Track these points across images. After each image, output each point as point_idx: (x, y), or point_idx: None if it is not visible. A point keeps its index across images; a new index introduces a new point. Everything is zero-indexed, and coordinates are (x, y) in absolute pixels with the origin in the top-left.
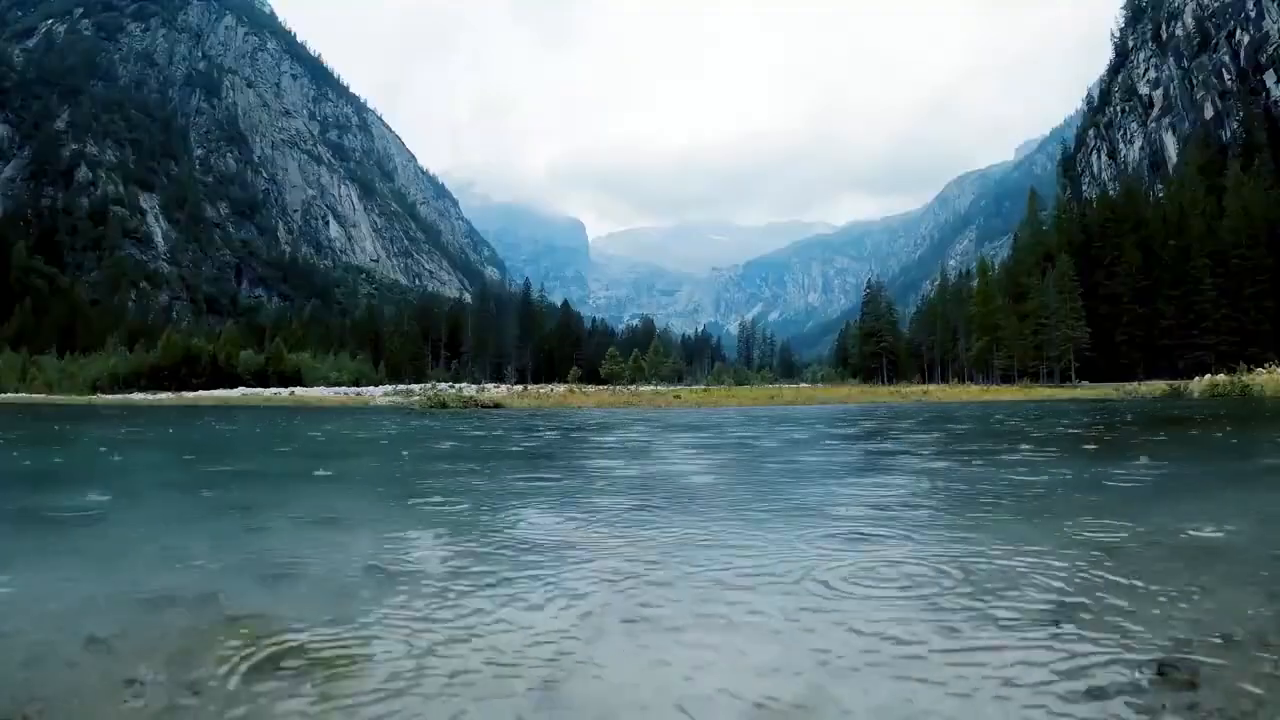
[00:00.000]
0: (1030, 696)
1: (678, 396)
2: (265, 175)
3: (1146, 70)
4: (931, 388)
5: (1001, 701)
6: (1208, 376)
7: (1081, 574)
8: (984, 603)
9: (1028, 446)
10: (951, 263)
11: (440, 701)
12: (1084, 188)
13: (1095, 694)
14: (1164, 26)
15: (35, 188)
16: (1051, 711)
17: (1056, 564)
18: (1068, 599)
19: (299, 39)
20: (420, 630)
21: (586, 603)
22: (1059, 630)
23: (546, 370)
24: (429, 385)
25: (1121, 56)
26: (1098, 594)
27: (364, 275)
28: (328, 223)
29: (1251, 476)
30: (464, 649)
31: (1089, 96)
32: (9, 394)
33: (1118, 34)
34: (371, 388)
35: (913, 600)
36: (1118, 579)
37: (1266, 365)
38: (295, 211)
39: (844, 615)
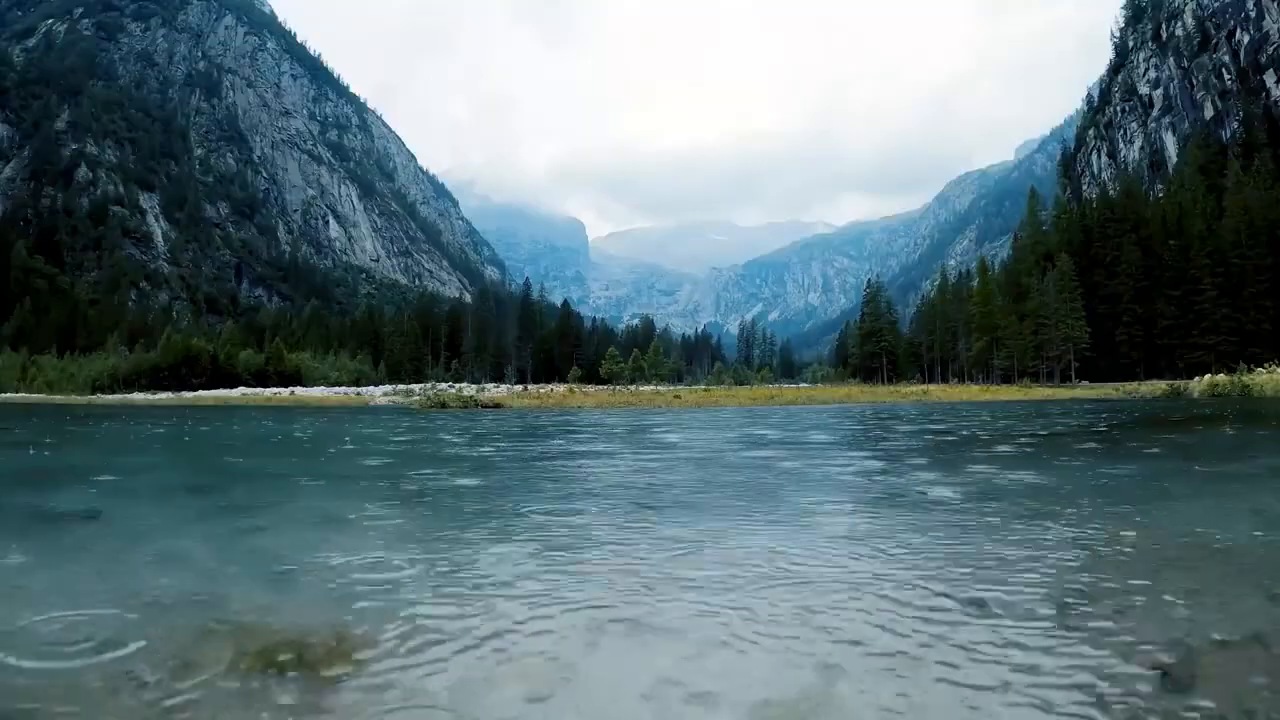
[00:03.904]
0: (1030, 697)
1: (678, 396)
2: (265, 175)
3: (1146, 70)
4: (931, 388)
5: (1001, 702)
6: (1208, 376)
7: (1081, 574)
8: (983, 603)
9: (1029, 446)
10: (951, 263)
11: (440, 703)
12: (1084, 188)
13: (1095, 694)
14: (1164, 26)
15: (35, 188)
16: (1051, 712)
17: (1055, 563)
18: (1067, 599)
19: (299, 39)
20: (420, 631)
21: (587, 604)
22: (1059, 630)
23: (546, 370)
24: (429, 385)
25: (1121, 56)
26: (1097, 594)
27: (364, 275)
28: (328, 223)
29: (1252, 476)
30: (464, 650)
31: (1089, 96)
32: (9, 394)
33: (1118, 34)
34: (371, 387)
35: (912, 600)
36: (1117, 579)
37: (1266, 365)
38: (295, 211)
39: (843, 615)
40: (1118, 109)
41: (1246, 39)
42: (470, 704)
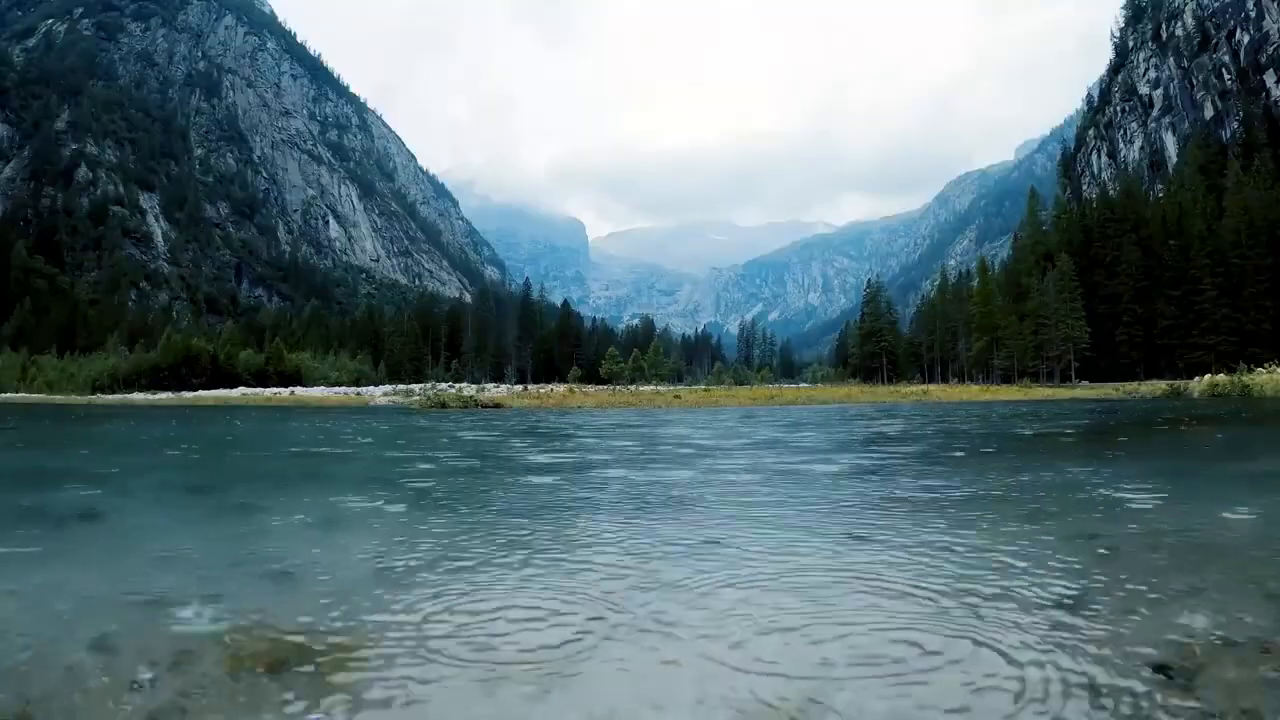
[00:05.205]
0: (1030, 697)
1: (678, 396)
2: (265, 175)
3: (1146, 70)
4: (931, 387)
5: (1001, 701)
6: (1208, 376)
7: (1080, 574)
8: (983, 603)
9: (1027, 447)
10: (951, 263)
11: (440, 702)
12: (1084, 188)
13: (1095, 694)
14: (1164, 26)
15: (35, 188)
16: (1051, 712)
17: (1055, 564)
18: (1067, 599)
19: (299, 39)
20: (420, 630)
21: (587, 603)
22: (1058, 630)
23: (546, 370)
24: (429, 385)
25: (1121, 56)
26: (1097, 594)
27: (364, 275)
28: (328, 223)
29: (1251, 476)
30: (464, 650)
31: (1089, 96)
32: (9, 394)
33: (1118, 34)
34: (371, 387)
35: (912, 600)
36: (1117, 579)
37: (1266, 365)
38: (295, 211)
39: (844, 615)
40: (1118, 109)
41: (1246, 39)
42: (470, 703)
